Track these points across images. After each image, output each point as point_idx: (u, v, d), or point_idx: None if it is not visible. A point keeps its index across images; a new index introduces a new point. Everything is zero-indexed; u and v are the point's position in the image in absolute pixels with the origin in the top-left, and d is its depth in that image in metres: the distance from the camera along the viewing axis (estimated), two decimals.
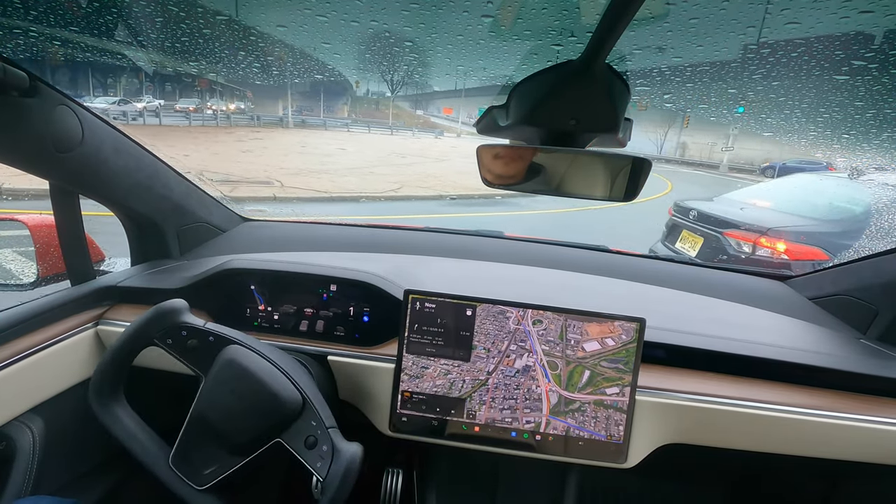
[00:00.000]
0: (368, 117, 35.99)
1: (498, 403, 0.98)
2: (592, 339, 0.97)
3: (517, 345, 0.98)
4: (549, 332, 0.98)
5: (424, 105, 39.10)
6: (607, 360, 0.96)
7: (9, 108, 0.79)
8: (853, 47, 0.73)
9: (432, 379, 0.99)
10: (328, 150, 17.13)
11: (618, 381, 0.96)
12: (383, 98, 37.33)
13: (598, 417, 0.97)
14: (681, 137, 28.63)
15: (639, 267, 1.47)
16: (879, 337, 1.17)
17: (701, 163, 26.36)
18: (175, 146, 14.12)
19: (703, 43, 0.77)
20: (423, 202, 9.54)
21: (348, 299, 1.11)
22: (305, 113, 33.90)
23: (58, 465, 1.01)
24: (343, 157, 15.56)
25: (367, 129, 30.46)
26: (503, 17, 0.74)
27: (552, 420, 0.97)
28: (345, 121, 33.48)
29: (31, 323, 0.97)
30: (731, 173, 22.37)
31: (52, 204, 1.04)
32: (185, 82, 30.99)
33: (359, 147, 19.56)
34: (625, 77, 0.57)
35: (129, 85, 30.72)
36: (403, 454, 1.40)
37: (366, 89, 35.11)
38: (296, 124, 28.81)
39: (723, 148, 24.16)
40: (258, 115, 28.66)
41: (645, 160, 0.63)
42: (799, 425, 0.97)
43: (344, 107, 37.58)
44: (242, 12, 0.89)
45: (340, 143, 20.13)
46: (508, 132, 0.69)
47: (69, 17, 0.86)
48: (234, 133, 20.83)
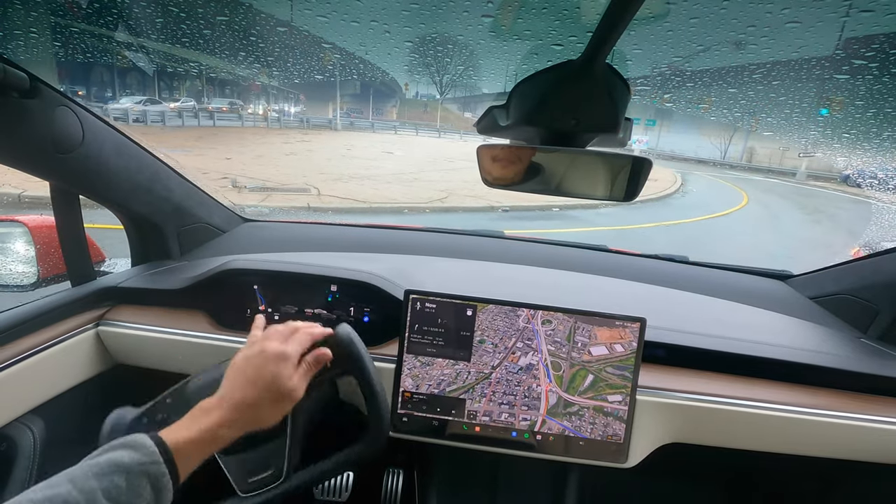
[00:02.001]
0: (417, 120, 35.77)
1: (497, 398, 0.98)
2: (601, 344, 0.96)
3: (524, 342, 0.98)
4: (557, 332, 0.97)
5: (473, 107, 38.55)
6: (613, 366, 0.96)
7: (9, 109, 0.79)
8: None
9: (433, 379, 0.99)
10: (373, 154, 16.74)
11: (622, 388, 0.96)
12: (432, 100, 36.96)
13: (596, 424, 0.96)
14: (748, 142, 26.83)
15: (639, 267, 1.47)
16: (880, 336, 1.17)
17: (770, 169, 24.34)
18: (216, 148, 13.98)
19: (789, 38, 0.73)
20: (471, 214, 8.64)
21: (349, 299, 1.11)
22: (354, 115, 33.93)
23: (58, 466, 1.01)
24: (388, 162, 15.07)
25: (415, 132, 30.26)
26: (502, 17, 0.74)
27: (548, 420, 0.97)
28: (393, 123, 33.25)
29: (31, 324, 0.97)
30: (809, 181, 20.78)
31: (53, 205, 1.04)
32: (241, 85, 31.55)
33: (405, 151, 19.15)
34: (625, 78, 0.57)
35: (192, 88, 31.20)
36: (404, 454, 1.40)
37: (415, 91, 34.70)
38: (344, 127, 29.03)
39: (800, 153, 20.87)
40: (308, 117, 29.14)
41: (645, 160, 0.63)
42: (800, 424, 0.97)
43: (392, 109, 37.40)
44: (297, 17, 0.89)
45: (387, 147, 19.84)
46: (509, 132, 0.68)
47: (146, 25, 0.88)
48: (284, 135, 21.02)
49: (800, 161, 22.42)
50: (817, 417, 0.97)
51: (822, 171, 21.71)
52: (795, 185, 19.85)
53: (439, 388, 0.99)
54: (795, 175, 22.52)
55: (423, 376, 0.99)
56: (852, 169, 10.81)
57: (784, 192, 17.08)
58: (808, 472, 1.21)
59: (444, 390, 0.99)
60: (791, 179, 22.00)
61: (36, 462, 0.94)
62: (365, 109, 35.25)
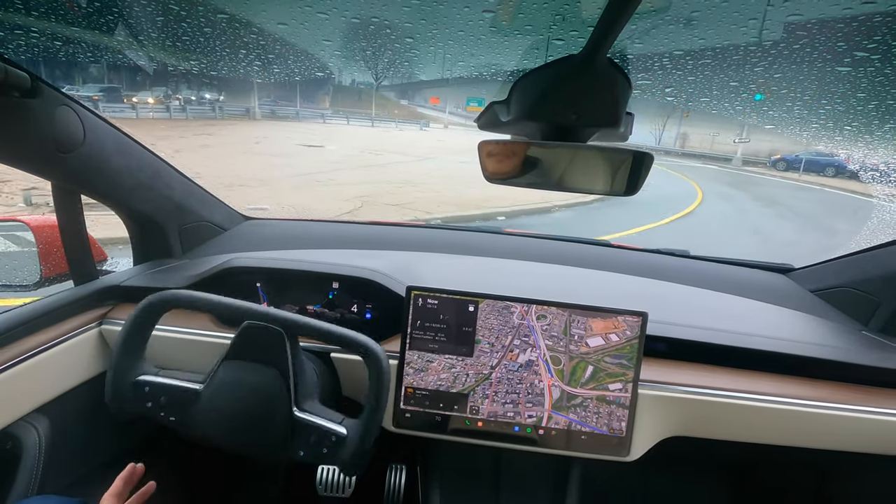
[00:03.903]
0: (351, 108, 32.29)
1: (500, 398, 0.98)
2: (596, 335, 0.97)
3: (521, 339, 0.98)
4: (553, 327, 0.98)
5: (411, 95, 37.18)
6: (611, 355, 0.97)
7: (10, 109, 0.79)
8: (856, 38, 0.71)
9: (435, 374, 0.99)
10: (288, 149, 13.88)
11: (621, 376, 0.96)
12: (367, 87, 35.54)
13: (601, 413, 0.97)
14: (680, 128, 26.40)
15: (640, 261, 1.48)
16: (881, 328, 1.18)
17: (703, 154, 24.10)
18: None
19: (724, 24, 0.72)
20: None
21: (350, 296, 1.11)
22: (282, 103, 29.80)
23: (63, 465, 1.01)
24: (301, 159, 12.29)
25: (346, 121, 27.03)
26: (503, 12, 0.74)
27: (554, 415, 0.98)
28: (322, 111, 29.92)
29: (35, 323, 0.97)
30: (745, 167, 20.55)
31: (55, 204, 1.05)
32: (144, 72, 23.89)
33: (330, 142, 16.38)
34: (627, 70, 0.57)
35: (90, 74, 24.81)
36: (407, 450, 1.40)
37: (350, 79, 32.65)
38: (265, 115, 25.40)
39: (736, 139, 20.98)
40: (222, 105, 24.23)
41: (646, 154, 0.63)
42: (801, 417, 0.97)
43: (325, 97, 35.63)
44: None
45: (308, 138, 16.88)
46: (509, 127, 0.68)
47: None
48: (184, 127, 16.93)
49: (735, 147, 22.21)
50: (819, 410, 0.97)
51: (751, 156, 21.78)
52: (733, 172, 19.27)
53: (442, 385, 0.99)
54: (731, 161, 22.38)
55: (425, 372, 1.00)
56: (778, 155, 10.44)
57: (731, 180, 15.89)
58: (810, 464, 1.22)
59: (447, 389, 0.99)
60: (728, 165, 21.69)
61: (41, 461, 0.95)
62: (294, 97, 31.70)
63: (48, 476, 0.96)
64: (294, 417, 0.83)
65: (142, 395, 0.83)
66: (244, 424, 0.81)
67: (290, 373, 0.83)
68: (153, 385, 0.83)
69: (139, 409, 0.83)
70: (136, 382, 0.83)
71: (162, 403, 0.83)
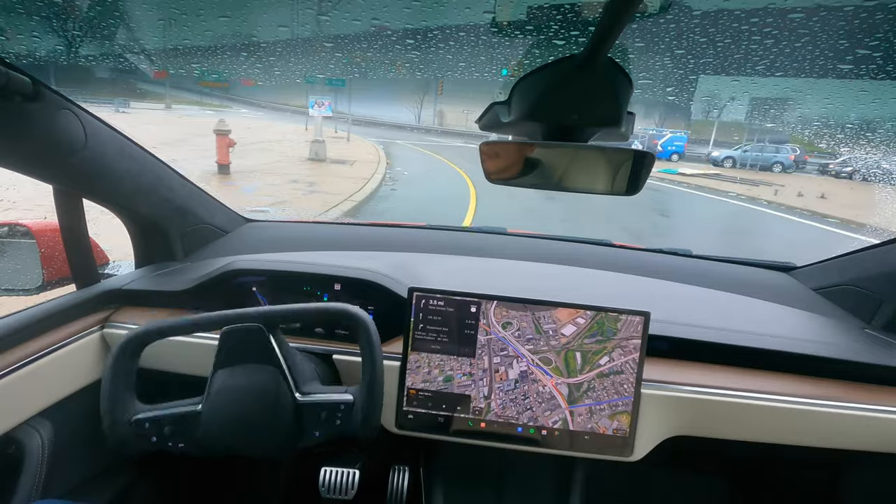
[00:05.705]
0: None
1: (514, 417, 0.99)
2: (566, 323, 0.97)
3: (499, 356, 0.98)
4: (524, 330, 0.98)
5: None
6: (587, 337, 0.97)
7: (12, 113, 0.79)
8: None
9: (438, 376, 0.99)
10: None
11: (602, 350, 0.97)
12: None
13: (607, 387, 0.97)
14: (437, 105, 25.80)
15: (642, 260, 1.47)
16: (884, 326, 1.17)
17: (463, 133, 22.03)
18: None
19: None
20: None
21: (353, 298, 1.11)
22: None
23: (67, 469, 1.01)
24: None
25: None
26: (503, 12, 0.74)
27: (574, 409, 0.97)
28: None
29: (37, 327, 0.97)
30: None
31: (56, 208, 1.05)
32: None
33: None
34: (628, 70, 0.57)
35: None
36: (410, 451, 1.40)
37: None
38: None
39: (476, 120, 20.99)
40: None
41: (647, 153, 0.63)
42: (805, 415, 0.97)
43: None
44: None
45: None
46: (510, 128, 0.68)
47: None
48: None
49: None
50: (823, 408, 0.97)
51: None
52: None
53: (444, 386, 0.99)
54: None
55: (427, 373, 0.99)
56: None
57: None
58: (814, 462, 1.22)
59: (449, 390, 0.99)
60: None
61: (44, 465, 0.95)
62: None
63: (51, 480, 0.96)
64: (298, 402, 0.83)
65: (143, 432, 0.81)
66: (253, 427, 0.81)
67: (282, 364, 0.83)
68: (152, 420, 0.82)
69: (144, 446, 0.82)
70: (135, 422, 0.81)
71: (166, 434, 0.82)
